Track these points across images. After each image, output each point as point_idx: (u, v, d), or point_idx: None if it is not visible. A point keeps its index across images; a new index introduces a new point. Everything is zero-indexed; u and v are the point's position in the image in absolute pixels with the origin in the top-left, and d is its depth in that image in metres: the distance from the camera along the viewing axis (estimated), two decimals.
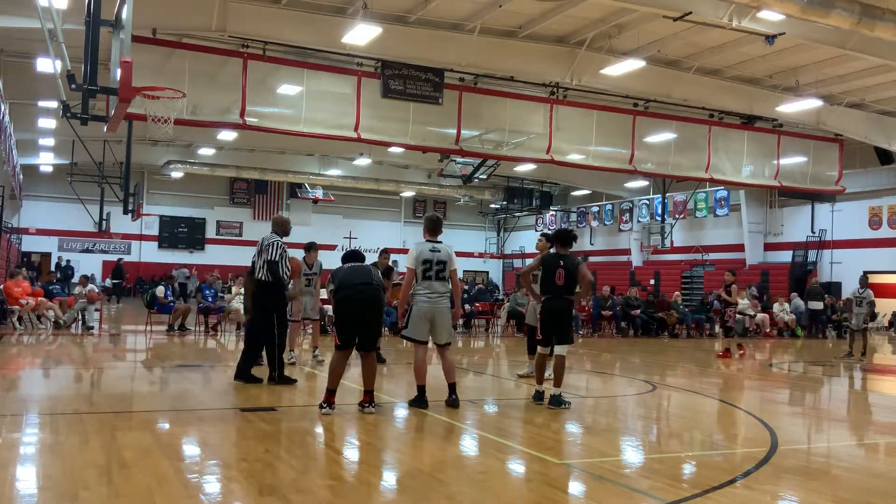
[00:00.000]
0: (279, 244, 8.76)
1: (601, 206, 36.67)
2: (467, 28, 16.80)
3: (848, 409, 9.76)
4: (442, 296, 7.48)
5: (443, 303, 7.50)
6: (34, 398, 8.02)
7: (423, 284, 7.41)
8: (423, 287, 7.41)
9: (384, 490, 4.91)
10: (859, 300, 15.30)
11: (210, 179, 36.14)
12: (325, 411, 6.96)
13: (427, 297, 7.39)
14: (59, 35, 10.92)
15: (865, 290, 15.25)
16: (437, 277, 7.43)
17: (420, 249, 7.46)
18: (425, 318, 7.41)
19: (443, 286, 7.48)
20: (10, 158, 21.90)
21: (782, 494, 4.97)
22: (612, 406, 8.90)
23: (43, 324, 16.16)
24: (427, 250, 7.45)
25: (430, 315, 7.42)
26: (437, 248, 7.49)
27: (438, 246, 7.52)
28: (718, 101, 20.20)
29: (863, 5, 13.06)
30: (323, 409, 6.99)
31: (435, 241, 7.59)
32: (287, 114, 16.89)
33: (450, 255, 7.54)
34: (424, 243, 7.57)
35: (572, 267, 7.80)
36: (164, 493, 4.47)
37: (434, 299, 7.42)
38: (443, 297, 7.49)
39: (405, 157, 31.51)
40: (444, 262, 7.46)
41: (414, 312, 7.43)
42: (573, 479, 5.27)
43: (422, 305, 7.40)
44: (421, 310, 7.40)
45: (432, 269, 7.40)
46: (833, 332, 22.96)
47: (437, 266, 7.42)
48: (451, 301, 7.62)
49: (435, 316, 7.44)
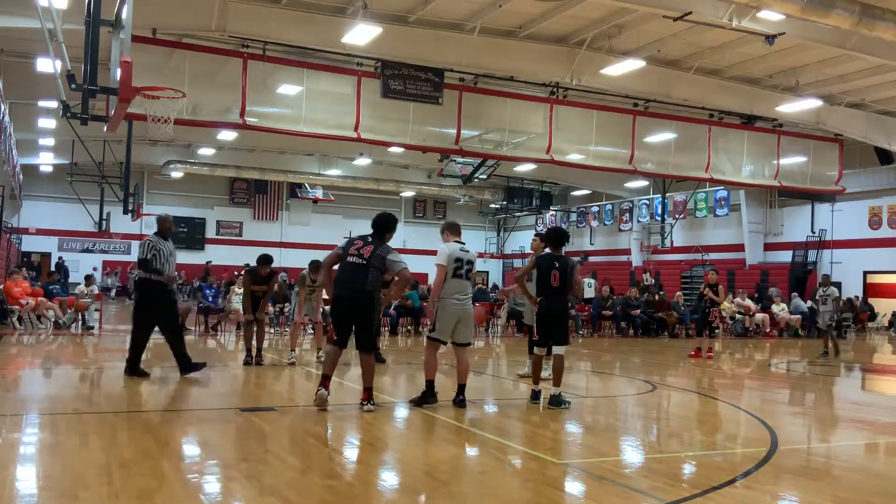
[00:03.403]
0: (148, 243, 9.05)
1: (601, 206, 36.69)
2: (467, 28, 16.81)
3: (846, 408, 9.76)
4: (469, 297, 7.62)
5: (469, 304, 7.64)
6: (34, 398, 8.02)
7: (452, 284, 7.46)
8: (454, 287, 7.47)
9: (384, 490, 4.91)
10: (823, 298, 15.34)
11: (210, 179, 36.15)
12: (321, 392, 7.09)
13: (458, 298, 7.47)
14: (59, 35, 10.93)
15: (829, 289, 15.29)
16: (467, 277, 7.55)
17: (452, 248, 7.56)
18: (453, 319, 7.48)
19: (470, 287, 7.64)
20: (10, 158, 21.90)
21: (782, 494, 4.97)
22: (612, 406, 8.90)
23: (43, 324, 16.16)
24: (458, 249, 7.56)
25: (459, 316, 7.50)
26: (466, 249, 7.64)
27: (467, 247, 7.68)
28: (718, 101, 20.20)
29: (863, 5, 13.05)
30: (319, 391, 7.12)
31: (462, 243, 7.71)
32: (287, 114, 16.90)
33: (475, 257, 7.75)
34: (454, 244, 7.65)
35: (567, 268, 7.81)
36: (164, 493, 4.47)
37: (463, 301, 7.52)
38: (469, 298, 7.65)
39: (405, 157, 31.54)
40: (473, 262, 7.62)
41: (444, 314, 7.46)
42: (573, 478, 5.27)
43: (454, 307, 7.46)
44: (452, 311, 7.46)
45: (463, 269, 7.51)
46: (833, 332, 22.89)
47: (468, 266, 7.55)
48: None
49: (462, 317, 7.53)
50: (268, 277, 11.17)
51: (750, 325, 21.00)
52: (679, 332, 20.48)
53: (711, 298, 13.98)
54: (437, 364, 7.63)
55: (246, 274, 11.52)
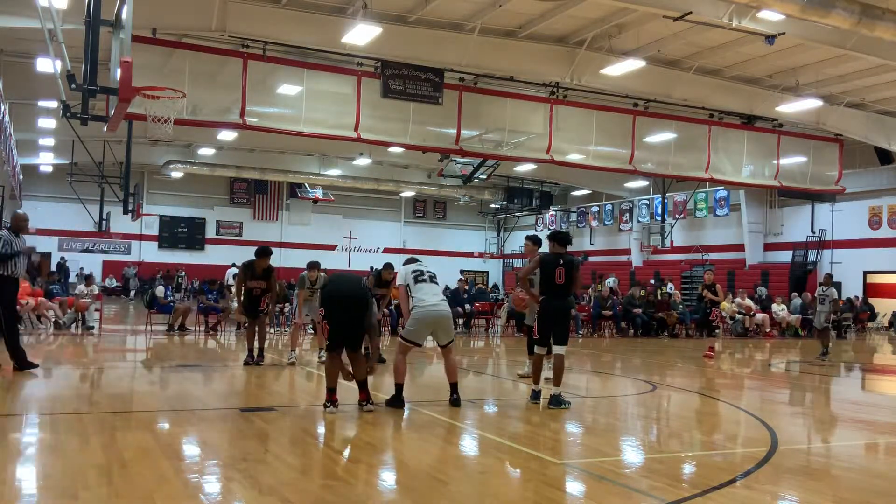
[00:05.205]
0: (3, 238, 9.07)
1: (601, 206, 36.68)
2: (467, 28, 16.81)
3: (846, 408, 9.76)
4: (440, 298, 7.66)
5: (443, 305, 7.65)
6: (34, 398, 8.02)
7: (419, 288, 7.53)
8: (421, 291, 7.52)
9: (384, 490, 4.91)
10: (822, 298, 15.32)
11: (210, 179, 36.16)
12: (330, 410, 7.03)
13: (429, 301, 7.49)
14: (59, 35, 10.92)
15: (828, 289, 15.30)
16: (431, 280, 7.65)
17: (406, 268, 7.79)
18: (427, 322, 7.50)
19: (439, 289, 7.75)
20: (10, 158, 21.91)
21: (782, 494, 4.97)
22: (612, 406, 8.90)
23: (43, 324, 16.16)
24: (413, 266, 7.77)
25: (433, 319, 7.51)
26: (422, 264, 7.87)
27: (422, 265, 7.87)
28: (718, 101, 20.20)
29: (863, 5, 13.05)
30: (327, 408, 7.05)
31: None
32: (287, 114, 16.88)
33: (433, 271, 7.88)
34: (407, 265, 7.87)
35: (571, 266, 7.82)
36: (164, 493, 4.47)
37: (435, 303, 7.53)
38: (443, 301, 7.70)
39: (405, 157, 31.53)
40: (433, 272, 7.77)
41: (417, 317, 7.47)
42: (573, 478, 5.27)
43: (427, 311, 7.46)
44: (425, 315, 7.46)
45: (424, 275, 7.64)
46: (833, 332, 22.90)
47: (429, 273, 7.70)
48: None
49: (438, 320, 7.53)
50: (266, 273, 10.81)
51: (750, 325, 21.00)
52: (679, 331, 20.49)
53: (711, 299, 14.03)
54: (406, 368, 7.62)
55: (241, 268, 11.02)
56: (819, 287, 15.79)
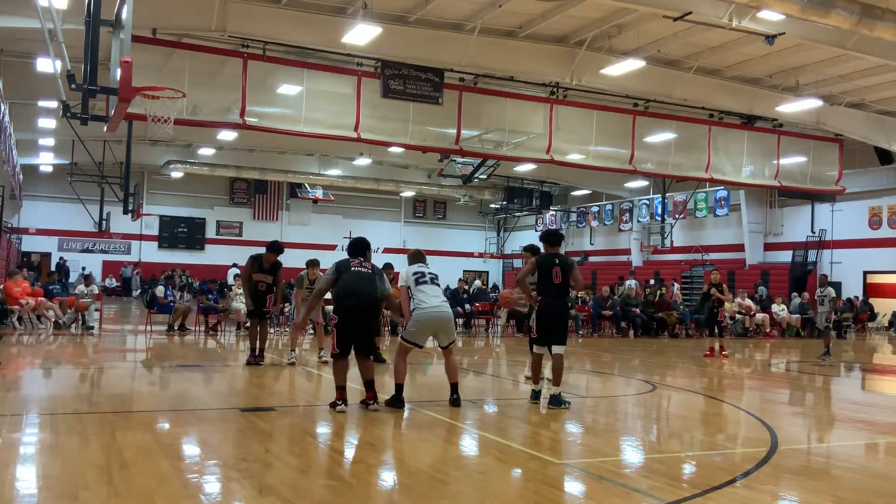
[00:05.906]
0: None
1: (601, 206, 36.68)
2: (467, 28, 16.81)
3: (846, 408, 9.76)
4: (441, 299, 7.67)
5: (445, 307, 7.66)
6: (34, 398, 8.02)
7: (420, 290, 7.53)
8: (423, 293, 7.52)
9: (384, 490, 4.91)
10: (821, 299, 15.39)
11: (210, 179, 36.16)
12: (340, 408, 7.05)
13: (430, 304, 7.50)
14: (59, 35, 10.92)
15: (826, 289, 15.34)
16: (433, 282, 7.66)
17: (409, 269, 7.77)
18: (429, 324, 7.51)
19: (440, 290, 7.76)
20: (10, 158, 21.90)
21: (782, 494, 4.97)
22: (612, 406, 8.90)
23: (43, 324, 16.16)
24: (415, 268, 7.74)
25: (434, 321, 7.52)
26: (425, 264, 7.85)
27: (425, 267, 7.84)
28: (718, 101, 20.20)
29: (863, 5, 13.05)
30: (337, 406, 7.06)
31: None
32: (287, 114, 16.89)
33: (436, 273, 7.87)
34: (410, 266, 7.87)
35: (567, 266, 7.84)
36: (164, 493, 4.47)
37: (437, 305, 7.54)
38: (445, 302, 7.72)
39: (405, 157, 31.54)
40: (435, 274, 7.77)
41: (418, 318, 7.47)
42: (573, 478, 5.27)
43: (428, 313, 7.47)
44: (426, 317, 7.46)
45: (426, 277, 7.64)
46: (833, 332, 22.88)
47: (431, 274, 7.71)
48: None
49: (439, 322, 7.54)
50: (273, 268, 10.79)
51: (750, 325, 20.99)
52: (679, 331, 20.49)
53: (718, 297, 14.06)
54: (406, 369, 7.62)
55: (250, 259, 11.01)
56: (818, 289, 15.83)
